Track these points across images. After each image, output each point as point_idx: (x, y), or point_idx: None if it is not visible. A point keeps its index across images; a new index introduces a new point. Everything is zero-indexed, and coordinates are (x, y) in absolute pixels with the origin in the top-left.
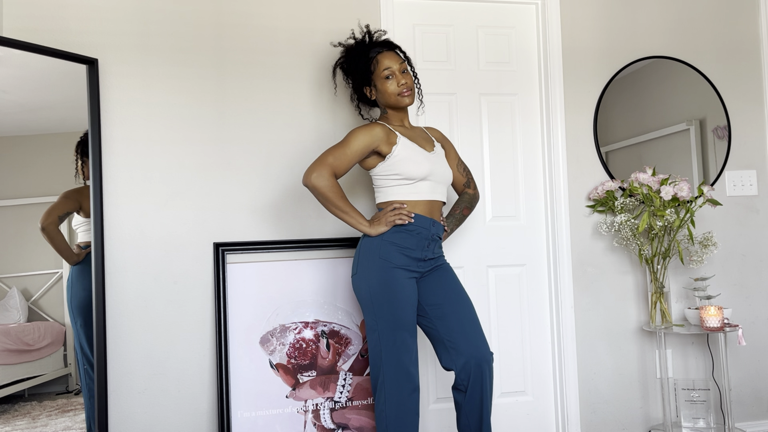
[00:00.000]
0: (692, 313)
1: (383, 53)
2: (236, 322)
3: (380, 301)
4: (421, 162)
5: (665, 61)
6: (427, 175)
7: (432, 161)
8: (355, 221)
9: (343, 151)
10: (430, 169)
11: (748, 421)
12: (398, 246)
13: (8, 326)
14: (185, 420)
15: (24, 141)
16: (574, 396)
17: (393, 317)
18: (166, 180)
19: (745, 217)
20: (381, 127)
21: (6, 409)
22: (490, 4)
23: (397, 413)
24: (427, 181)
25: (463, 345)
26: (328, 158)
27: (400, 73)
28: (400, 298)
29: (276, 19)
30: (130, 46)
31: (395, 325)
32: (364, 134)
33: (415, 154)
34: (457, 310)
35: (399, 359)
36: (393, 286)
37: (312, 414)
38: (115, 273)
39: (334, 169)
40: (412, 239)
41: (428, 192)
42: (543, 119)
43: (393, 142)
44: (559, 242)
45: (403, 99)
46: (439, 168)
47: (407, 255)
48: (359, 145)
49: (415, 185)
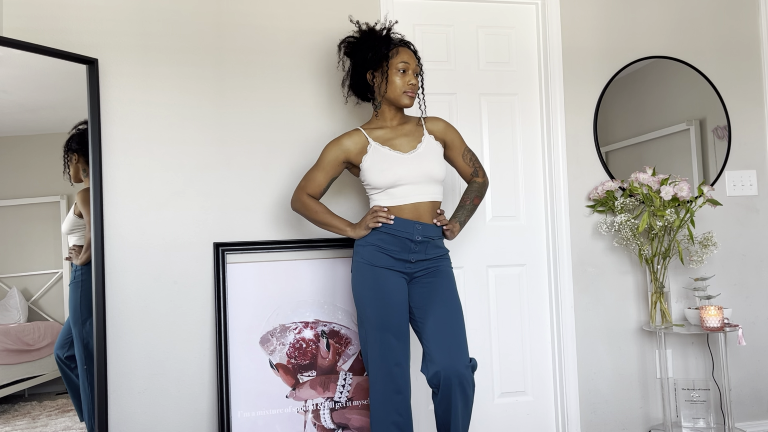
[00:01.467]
0: (692, 313)
1: (405, 48)
2: (236, 322)
3: (364, 302)
4: (387, 169)
5: (665, 61)
6: (395, 181)
7: (406, 163)
8: (338, 228)
9: (315, 171)
10: (399, 175)
11: (748, 421)
12: (380, 248)
13: (8, 326)
14: (185, 420)
15: (24, 141)
16: (574, 396)
17: (376, 318)
18: (166, 180)
19: (745, 217)
20: (352, 138)
21: (6, 409)
22: (490, 4)
23: (380, 412)
24: (402, 186)
25: (436, 354)
26: (301, 182)
27: (413, 74)
28: (384, 298)
29: (276, 18)
30: (130, 46)
31: (378, 326)
32: (332, 148)
33: (382, 162)
34: (438, 316)
35: (382, 359)
36: (376, 286)
37: (312, 414)
38: (115, 273)
39: (308, 191)
40: (395, 241)
41: (408, 195)
42: (543, 119)
43: (364, 151)
44: (559, 242)
45: (405, 98)
46: (416, 169)
47: (391, 256)
48: (329, 160)
49: (389, 192)
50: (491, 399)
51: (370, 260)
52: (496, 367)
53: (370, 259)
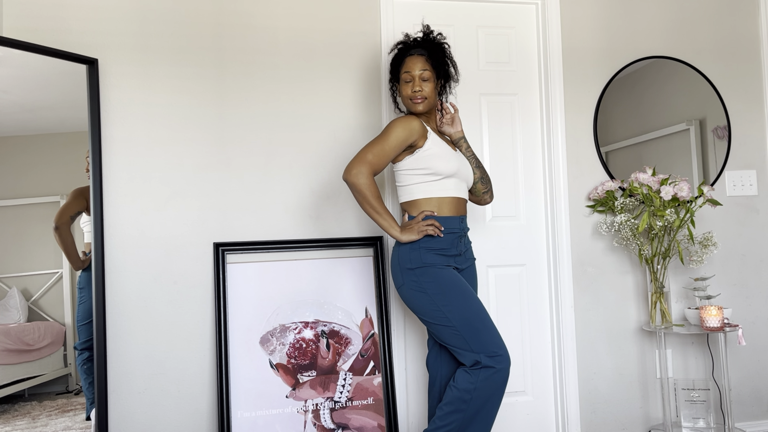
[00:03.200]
0: (692, 313)
1: (413, 56)
2: (236, 322)
3: (451, 301)
4: (451, 159)
5: (665, 61)
6: (455, 171)
7: (459, 159)
8: (388, 224)
9: (382, 147)
10: (457, 167)
11: (748, 421)
12: (435, 249)
13: (8, 326)
14: (185, 420)
15: (24, 141)
16: (574, 396)
17: (469, 306)
18: (166, 180)
19: (745, 217)
20: (418, 120)
21: (6, 409)
22: (490, 4)
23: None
24: (454, 179)
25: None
26: (367, 155)
27: (420, 80)
28: (465, 287)
29: (276, 19)
30: (130, 46)
31: (473, 314)
32: (402, 128)
33: (445, 151)
34: None
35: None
36: (454, 281)
37: (312, 414)
38: (115, 273)
39: (374, 167)
40: (446, 239)
41: (455, 189)
42: (543, 119)
43: (426, 136)
44: (559, 242)
45: (414, 105)
46: (465, 167)
47: (444, 254)
48: (397, 140)
49: (442, 182)
50: None
51: (433, 263)
52: None
53: (433, 262)
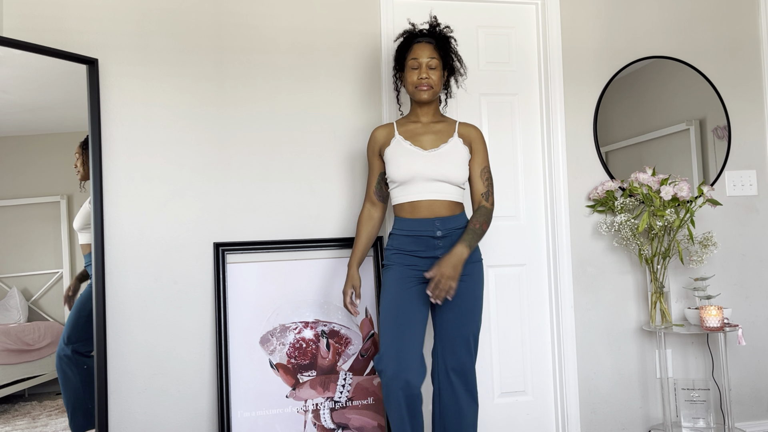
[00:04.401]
0: (692, 313)
1: (421, 43)
2: (236, 322)
3: (383, 298)
4: (404, 164)
5: (665, 61)
6: (412, 176)
7: (424, 160)
8: (350, 259)
9: (369, 171)
10: (415, 170)
11: (748, 421)
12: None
13: (8, 326)
14: (185, 420)
15: (24, 141)
16: (574, 396)
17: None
18: (166, 180)
19: (745, 217)
20: (384, 129)
21: (6, 409)
22: (490, 4)
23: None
24: (417, 183)
25: None
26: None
27: (427, 67)
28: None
29: (276, 19)
30: (130, 46)
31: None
32: (369, 142)
33: (401, 156)
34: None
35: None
36: (388, 281)
37: (312, 414)
38: (115, 273)
39: (369, 196)
40: (417, 241)
41: (422, 192)
42: (543, 119)
43: (388, 143)
44: (559, 242)
45: (419, 92)
46: (433, 167)
47: (415, 255)
48: (369, 156)
49: (405, 187)
50: (491, 399)
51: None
52: (496, 367)
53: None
